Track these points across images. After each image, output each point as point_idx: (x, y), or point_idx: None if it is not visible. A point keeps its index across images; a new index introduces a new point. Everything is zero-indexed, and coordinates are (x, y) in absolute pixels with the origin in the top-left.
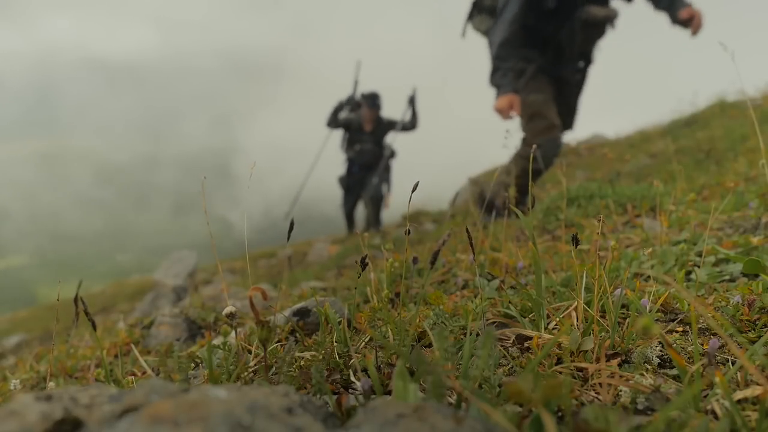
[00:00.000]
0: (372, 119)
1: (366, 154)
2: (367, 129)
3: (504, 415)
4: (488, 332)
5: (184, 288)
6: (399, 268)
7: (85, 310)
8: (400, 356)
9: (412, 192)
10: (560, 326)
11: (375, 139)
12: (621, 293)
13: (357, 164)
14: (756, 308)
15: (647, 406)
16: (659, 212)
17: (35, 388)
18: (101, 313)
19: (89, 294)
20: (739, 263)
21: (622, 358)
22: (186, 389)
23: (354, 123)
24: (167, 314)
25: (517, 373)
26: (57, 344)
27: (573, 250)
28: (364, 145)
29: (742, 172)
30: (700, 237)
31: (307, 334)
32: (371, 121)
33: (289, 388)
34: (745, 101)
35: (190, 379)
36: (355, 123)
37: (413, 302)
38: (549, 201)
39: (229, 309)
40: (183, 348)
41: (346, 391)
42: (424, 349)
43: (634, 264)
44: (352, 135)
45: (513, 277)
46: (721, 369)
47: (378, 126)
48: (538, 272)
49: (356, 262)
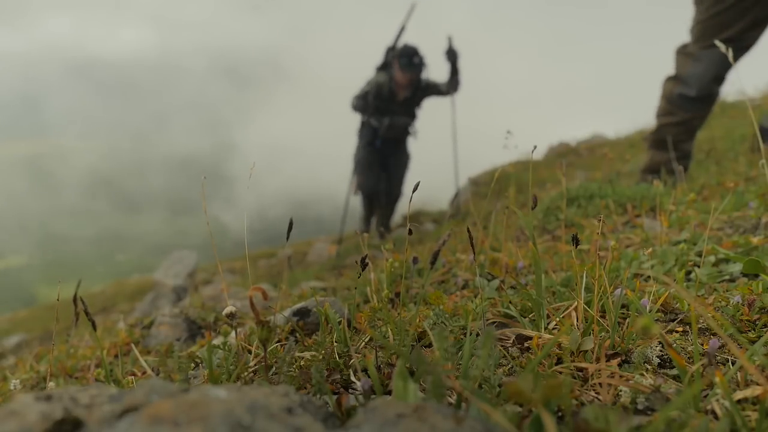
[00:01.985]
0: (408, 84)
1: (395, 129)
2: (400, 97)
3: (504, 415)
4: (488, 332)
5: (184, 288)
6: (399, 268)
7: (85, 310)
8: (400, 356)
9: (412, 192)
10: (560, 326)
11: (408, 110)
12: (621, 293)
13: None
14: (756, 308)
15: (647, 406)
16: (659, 212)
17: (35, 388)
18: (101, 313)
19: (89, 294)
20: (739, 263)
21: (622, 358)
22: (186, 389)
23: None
24: (167, 314)
25: (517, 373)
26: (57, 344)
27: (573, 250)
28: (395, 118)
29: (742, 172)
30: (700, 237)
31: (307, 334)
32: (407, 87)
33: (289, 388)
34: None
35: (190, 379)
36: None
37: (413, 302)
38: (549, 201)
39: (229, 309)
40: (183, 348)
41: (346, 391)
42: (424, 349)
43: (634, 264)
44: (381, 103)
45: (513, 277)
46: (721, 369)
47: (414, 93)
48: (538, 272)
49: (356, 262)
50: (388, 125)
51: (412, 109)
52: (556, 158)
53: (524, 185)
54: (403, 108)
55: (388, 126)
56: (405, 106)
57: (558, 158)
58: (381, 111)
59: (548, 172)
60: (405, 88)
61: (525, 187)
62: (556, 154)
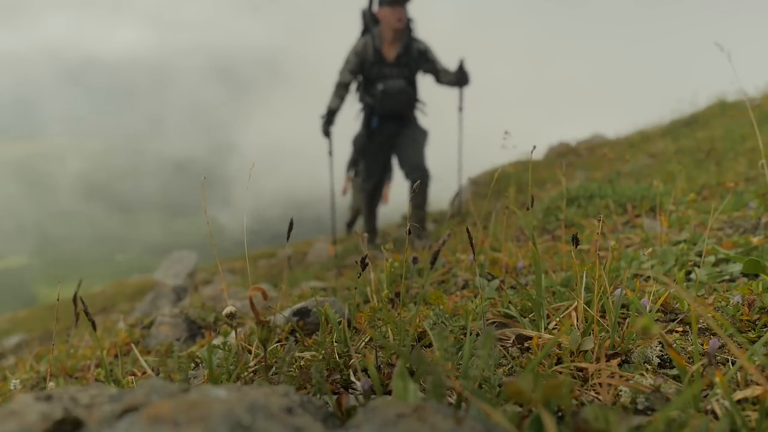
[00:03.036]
0: (397, 30)
1: (393, 96)
2: (389, 56)
3: (504, 415)
4: (488, 332)
5: (184, 288)
6: (399, 268)
7: (85, 310)
8: (400, 356)
9: (412, 192)
10: (560, 326)
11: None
12: (621, 293)
13: (379, 114)
14: (756, 308)
15: (647, 406)
16: (659, 212)
17: (35, 388)
18: (101, 313)
19: (89, 294)
20: (739, 263)
21: (622, 358)
22: (186, 389)
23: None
24: (167, 314)
25: (517, 373)
26: (57, 344)
27: (573, 250)
28: (389, 82)
29: (742, 172)
30: (700, 237)
31: (307, 334)
32: (396, 39)
33: (289, 388)
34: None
35: (190, 379)
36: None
37: (413, 302)
38: (549, 201)
39: (229, 309)
40: (183, 348)
41: (346, 391)
42: (424, 349)
43: (634, 264)
44: (370, 70)
45: (513, 277)
46: (721, 369)
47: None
48: (538, 272)
49: (356, 262)
50: (382, 92)
51: (409, 73)
52: (556, 158)
53: (524, 185)
54: (397, 70)
55: (383, 93)
56: (399, 67)
57: (558, 158)
58: (371, 79)
59: (548, 172)
60: (394, 40)
61: (525, 187)
62: (556, 154)
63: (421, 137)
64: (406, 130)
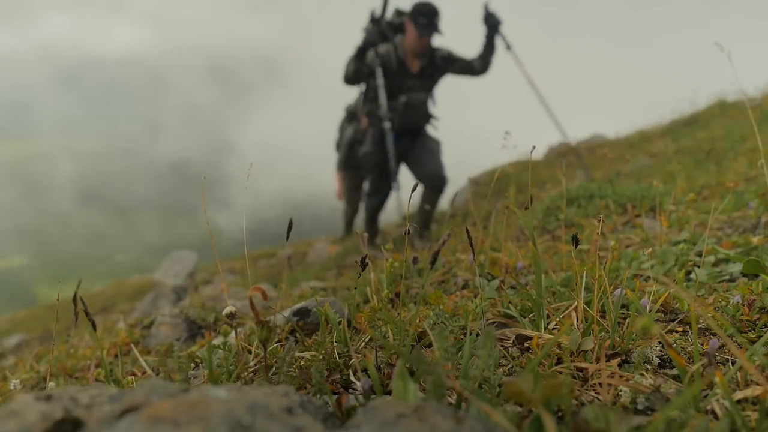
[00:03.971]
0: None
1: (414, 110)
2: (414, 68)
3: (504, 415)
4: (488, 332)
5: (184, 288)
6: (399, 268)
7: (85, 310)
8: (400, 356)
9: (411, 192)
10: (560, 326)
11: (428, 85)
12: (621, 293)
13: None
14: (756, 308)
15: (647, 406)
16: (659, 212)
17: (35, 388)
18: (101, 313)
19: (89, 294)
20: (739, 263)
21: (622, 358)
22: (186, 389)
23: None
24: (167, 314)
25: (517, 373)
26: (57, 344)
27: (573, 250)
28: (411, 95)
29: (742, 172)
30: (700, 237)
31: (307, 334)
32: (422, 54)
33: (289, 388)
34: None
35: (190, 379)
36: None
37: (413, 302)
38: (549, 201)
39: (229, 309)
40: (183, 348)
41: (346, 391)
42: (424, 349)
43: (634, 264)
44: (392, 81)
45: (513, 277)
46: (721, 369)
47: (431, 61)
48: (538, 272)
49: (356, 262)
50: (405, 104)
51: (431, 84)
52: (556, 158)
53: (524, 185)
54: (420, 82)
55: (407, 105)
56: (423, 79)
57: (558, 158)
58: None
59: (548, 172)
60: (420, 54)
61: (525, 187)
62: (556, 154)
63: (435, 147)
64: (419, 141)
